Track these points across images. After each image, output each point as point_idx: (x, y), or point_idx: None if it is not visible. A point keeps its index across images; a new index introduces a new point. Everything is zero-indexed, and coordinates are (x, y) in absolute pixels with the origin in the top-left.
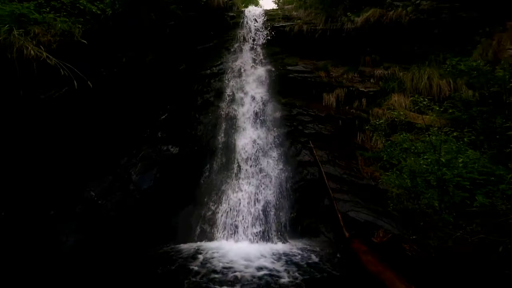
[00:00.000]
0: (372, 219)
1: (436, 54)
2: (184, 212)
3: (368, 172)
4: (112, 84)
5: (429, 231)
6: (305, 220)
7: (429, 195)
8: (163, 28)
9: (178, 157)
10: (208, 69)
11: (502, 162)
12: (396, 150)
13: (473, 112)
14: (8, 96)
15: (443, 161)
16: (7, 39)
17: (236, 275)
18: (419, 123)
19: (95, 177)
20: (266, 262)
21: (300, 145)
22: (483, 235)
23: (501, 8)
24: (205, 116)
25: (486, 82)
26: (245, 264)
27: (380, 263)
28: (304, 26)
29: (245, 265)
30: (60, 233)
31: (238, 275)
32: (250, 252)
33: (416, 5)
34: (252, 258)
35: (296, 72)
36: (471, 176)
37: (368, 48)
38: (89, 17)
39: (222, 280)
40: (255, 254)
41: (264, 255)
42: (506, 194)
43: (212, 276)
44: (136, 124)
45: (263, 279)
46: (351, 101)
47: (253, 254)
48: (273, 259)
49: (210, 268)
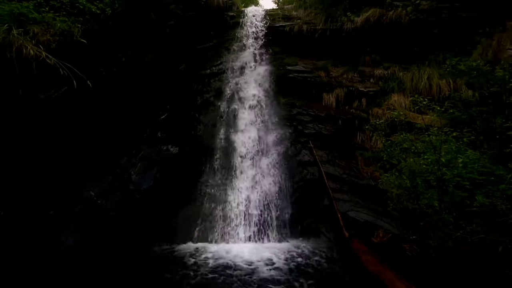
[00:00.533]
0: (372, 219)
1: (436, 54)
2: (184, 212)
3: (368, 172)
4: (112, 84)
5: (429, 231)
6: (305, 220)
7: (429, 195)
8: (163, 28)
9: (178, 157)
10: (208, 69)
11: (502, 162)
12: (396, 150)
13: (473, 112)
14: (7, 95)
15: (443, 161)
16: (6, 39)
17: (236, 275)
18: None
19: (94, 177)
20: (266, 262)
21: (300, 145)
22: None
23: (501, 8)
24: (205, 116)
25: (486, 82)
26: (245, 264)
27: (380, 263)
28: (304, 26)
29: (244, 265)
30: (60, 233)
31: (238, 275)
32: (250, 252)
33: (416, 5)
34: (251, 258)
35: (296, 72)
36: (471, 176)
37: (368, 48)
38: (88, 17)
39: (222, 280)
40: (254, 254)
41: (264, 255)
42: (506, 194)
43: (211, 276)
44: (136, 124)
45: (262, 279)
46: (351, 101)
47: (252, 254)
48: (273, 259)
49: (210, 269)
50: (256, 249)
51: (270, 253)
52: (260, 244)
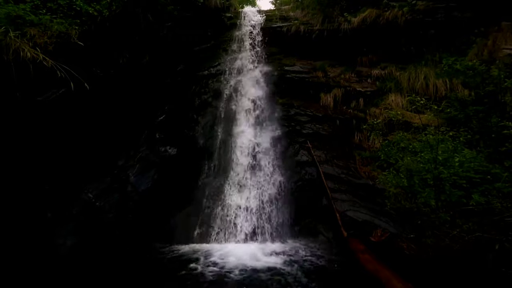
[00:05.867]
0: (370, 218)
1: (432, 54)
2: (182, 213)
3: (366, 172)
4: (109, 85)
5: (426, 230)
6: (303, 220)
7: (426, 194)
8: (160, 29)
9: (176, 158)
10: (206, 70)
11: (498, 160)
12: (393, 149)
13: (469, 112)
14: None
15: (440, 159)
16: (3, 41)
17: (235, 275)
18: (416, 123)
19: (92, 178)
20: (265, 262)
21: (298, 145)
22: (479, 233)
23: (496, 8)
24: (203, 117)
25: (481, 81)
26: (244, 264)
27: (378, 262)
28: (301, 27)
29: (243, 265)
30: (58, 235)
31: (237, 275)
32: (249, 253)
33: (412, 5)
34: (250, 259)
35: (293, 73)
36: (467, 175)
37: (365, 48)
38: (85, 19)
39: (221, 281)
40: (253, 254)
41: (262, 255)
42: (502, 192)
43: (211, 277)
44: (134, 126)
45: (262, 279)
46: (349, 101)
47: (251, 254)
48: (272, 259)
49: (208, 269)
50: (254, 249)
51: (268, 253)
52: (258, 244)
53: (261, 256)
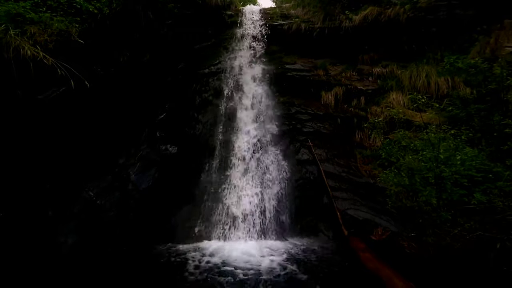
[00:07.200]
0: (371, 217)
1: (434, 52)
2: (183, 212)
3: (367, 170)
4: (110, 83)
5: (427, 229)
6: (304, 218)
7: (427, 193)
8: (161, 27)
9: (177, 157)
10: (207, 68)
11: (499, 159)
12: (394, 148)
13: (471, 110)
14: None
15: (442, 158)
16: (4, 39)
17: (236, 273)
18: (417, 121)
19: (93, 177)
20: (265, 260)
21: (299, 143)
22: (481, 232)
23: (498, 5)
24: (203, 115)
25: (483, 79)
26: (245, 262)
27: (379, 261)
28: (302, 25)
29: (244, 264)
30: (59, 234)
31: (237, 274)
32: (249, 251)
33: (414, 3)
34: (251, 257)
35: (294, 71)
36: (469, 174)
37: (366, 47)
38: (86, 17)
39: (221, 279)
40: (254, 252)
41: (263, 254)
42: (503, 191)
43: (211, 275)
44: (135, 124)
45: (262, 277)
46: (350, 100)
47: (252, 252)
48: (272, 258)
49: (209, 268)
50: (255, 247)
51: (269, 252)
52: (259, 242)
53: (262, 254)
